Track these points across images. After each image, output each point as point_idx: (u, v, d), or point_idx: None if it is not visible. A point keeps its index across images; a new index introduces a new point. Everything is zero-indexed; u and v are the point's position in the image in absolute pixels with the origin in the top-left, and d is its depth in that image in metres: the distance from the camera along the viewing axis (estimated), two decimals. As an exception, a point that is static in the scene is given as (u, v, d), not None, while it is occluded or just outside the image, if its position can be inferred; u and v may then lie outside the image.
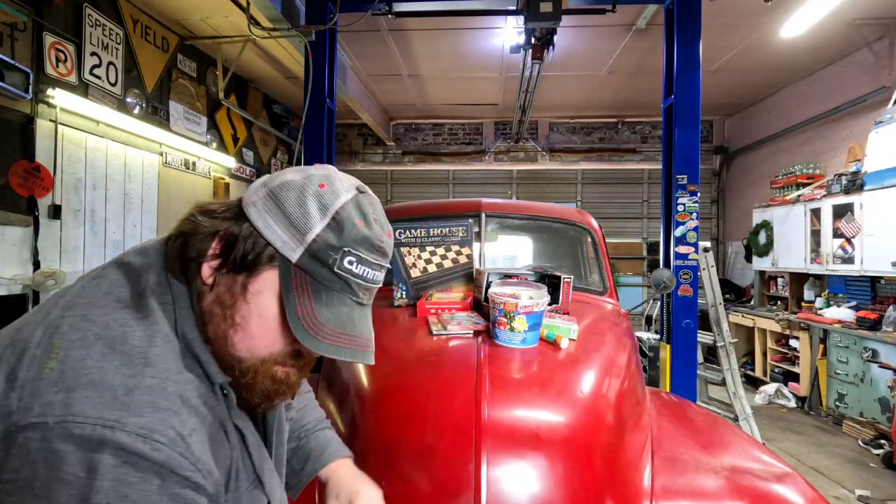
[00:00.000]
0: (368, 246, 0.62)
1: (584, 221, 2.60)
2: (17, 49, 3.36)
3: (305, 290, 0.61)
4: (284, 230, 0.60)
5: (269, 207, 0.61)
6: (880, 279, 4.85)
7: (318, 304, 0.61)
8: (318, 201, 0.61)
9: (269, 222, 0.61)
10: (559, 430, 1.15)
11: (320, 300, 0.61)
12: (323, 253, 0.60)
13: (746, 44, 5.43)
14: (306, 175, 0.63)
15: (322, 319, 0.60)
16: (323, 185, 0.62)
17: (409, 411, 1.21)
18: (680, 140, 3.72)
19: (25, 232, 3.47)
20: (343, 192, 0.63)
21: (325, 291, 0.61)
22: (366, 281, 0.63)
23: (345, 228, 0.61)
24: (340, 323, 0.62)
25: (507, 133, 8.50)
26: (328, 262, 0.60)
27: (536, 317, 1.40)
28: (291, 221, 0.60)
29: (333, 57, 4.23)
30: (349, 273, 0.61)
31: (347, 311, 0.63)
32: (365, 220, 0.63)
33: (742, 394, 3.93)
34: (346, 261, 0.61)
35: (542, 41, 4.39)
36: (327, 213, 0.61)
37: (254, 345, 0.62)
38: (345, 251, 0.61)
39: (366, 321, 0.66)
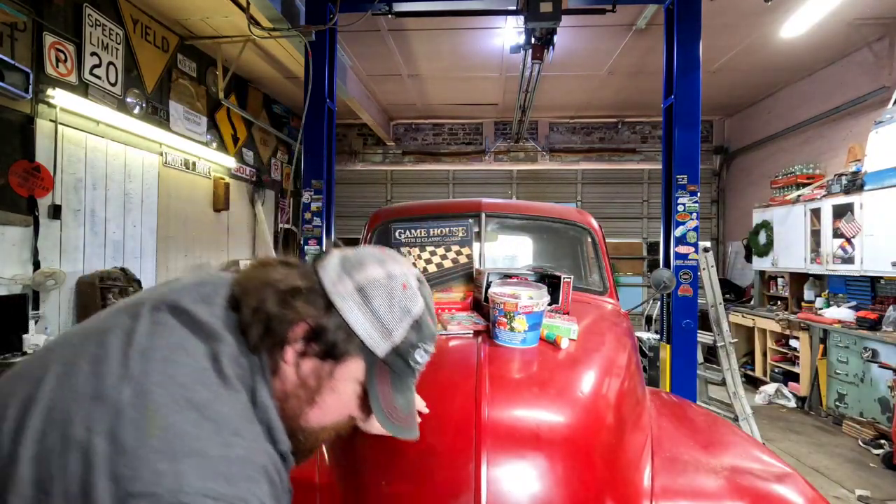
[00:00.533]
0: (433, 340, 0.75)
1: (584, 221, 2.60)
2: (17, 49, 3.36)
3: (385, 379, 0.71)
4: (373, 327, 0.68)
5: (358, 304, 0.68)
6: (880, 279, 4.85)
7: (394, 392, 0.71)
8: (403, 304, 0.71)
9: (359, 318, 0.68)
10: (559, 430, 1.15)
11: (396, 388, 0.72)
12: (404, 350, 0.70)
13: (746, 44, 5.43)
14: (389, 273, 0.72)
15: (397, 406, 0.72)
16: (405, 286, 0.72)
17: (409, 411, 1.21)
18: (680, 140, 3.72)
19: (25, 232, 3.47)
20: (418, 293, 0.73)
21: (400, 380, 0.72)
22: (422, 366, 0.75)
23: (422, 329, 0.72)
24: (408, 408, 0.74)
25: (507, 133, 8.50)
26: (406, 357, 0.71)
27: (536, 317, 1.40)
28: (380, 321, 0.69)
29: (333, 57, 4.23)
30: (418, 364, 0.73)
31: (410, 395, 0.75)
32: (433, 318, 0.74)
33: (742, 394, 3.93)
34: (419, 354, 0.72)
35: (542, 41, 4.39)
36: (410, 316, 0.71)
37: (325, 419, 0.70)
38: (419, 347, 0.72)
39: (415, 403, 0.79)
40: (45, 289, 3.54)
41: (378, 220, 2.60)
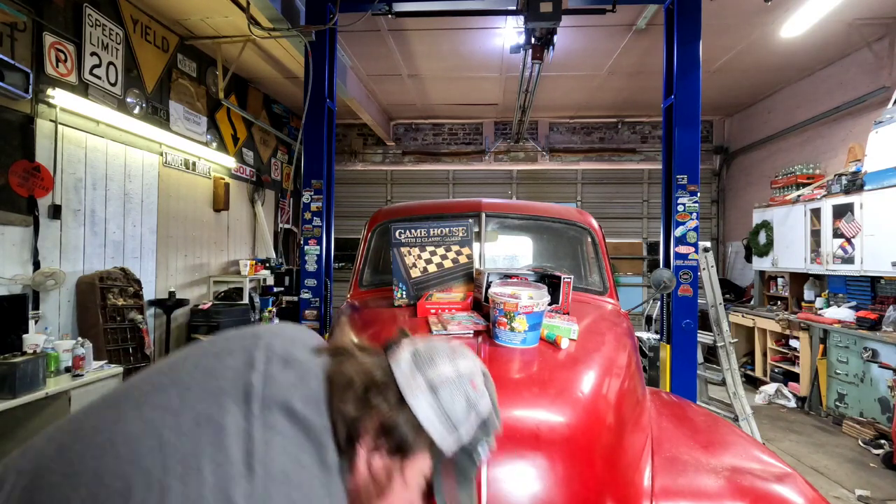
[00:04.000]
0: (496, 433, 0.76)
1: (584, 221, 2.60)
2: (17, 49, 3.36)
3: (450, 475, 0.72)
4: (443, 426, 0.70)
5: (429, 402, 0.70)
6: (880, 279, 4.85)
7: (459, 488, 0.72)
8: (472, 403, 0.72)
9: (429, 416, 0.70)
10: (559, 430, 1.15)
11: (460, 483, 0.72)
12: (470, 447, 0.72)
13: (746, 44, 5.43)
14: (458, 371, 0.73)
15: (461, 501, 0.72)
16: (474, 385, 0.73)
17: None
18: (680, 140, 3.72)
19: (25, 232, 3.47)
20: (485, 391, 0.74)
21: (464, 476, 0.73)
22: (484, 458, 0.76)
23: (487, 426, 0.73)
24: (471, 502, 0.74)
25: (507, 133, 8.50)
26: (473, 456, 0.72)
27: (536, 317, 1.40)
28: (450, 420, 0.70)
29: (333, 57, 4.23)
30: (480, 457, 0.74)
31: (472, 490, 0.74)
32: (497, 414, 0.75)
33: (742, 394, 3.93)
34: (482, 450, 0.73)
35: (542, 41, 4.39)
36: (478, 414, 0.72)
37: None
38: (483, 443, 0.73)
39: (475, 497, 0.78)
40: (45, 289, 3.54)
41: (378, 220, 2.60)
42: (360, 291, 2.39)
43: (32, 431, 2.99)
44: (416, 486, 0.70)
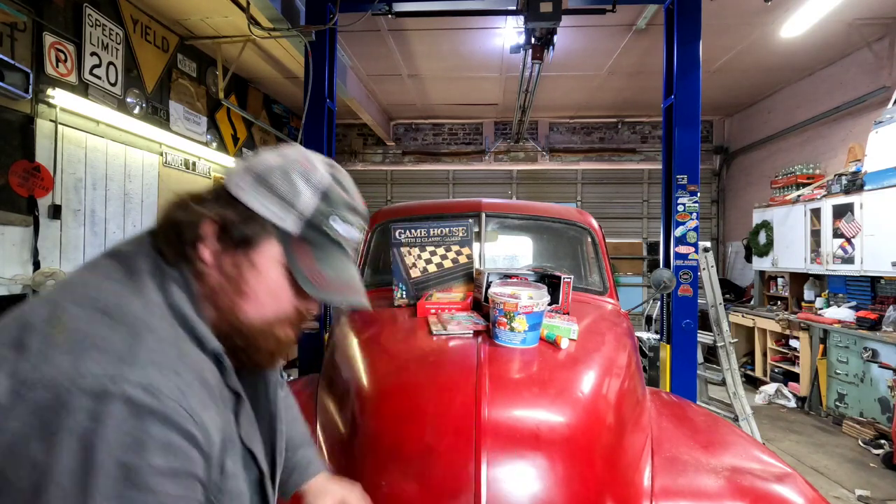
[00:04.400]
0: (351, 209, 0.72)
1: (584, 221, 2.60)
2: (17, 49, 3.36)
3: (306, 254, 0.69)
4: (274, 204, 0.68)
5: (259, 190, 0.68)
6: (880, 279, 4.85)
7: (320, 265, 0.69)
8: (304, 177, 0.69)
9: (263, 202, 0.68)
10: (559, 430, 1.15)
11: (320, 261, 0.70)
12: (315, 220, 0.69)
13: (746, 44, 5.43)
14: (285, 157, 0.71)
15: (327, 277, 0.69)
16: (304, 163, 0.71)
17: (409, 411, 1.21)
18: (680, 140, 3.72)
19: (25, 232, 3.47)
20: (321, 167, 0.72)
21: (324, 253, 0.70)
22: (352, 239, 0.73)
23: (330, 197, 0.70)
24: (341, 277, 0.71)
25: (507, 133, 8.50)
26: (321, 228, 0.69)
27: (536, 317, 1.40)
28: (283, 198, 0.68)
29: (333, 57, 4.23)
30: (338, 234, 0.71)
31: (342, 266, 0.72)
32: (344, 189, 0.73)
33: (742, 394, 3.93)
34: (338, 225, 0.70)
35: (542, 41, 4.39)
36: (313, 186, 0.69)
37: (263, 310, 0.69)
38: (334, 215, 0.70)
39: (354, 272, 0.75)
40: (45, 289, 3.54)
41: (378, 220, 2.60)
42: (360, 291, 2.39)
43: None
44: (275, 278, 0.68)
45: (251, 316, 0.68)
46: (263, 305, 0.69)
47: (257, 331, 0.69)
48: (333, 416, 1.43)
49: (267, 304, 0.69)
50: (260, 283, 0.68)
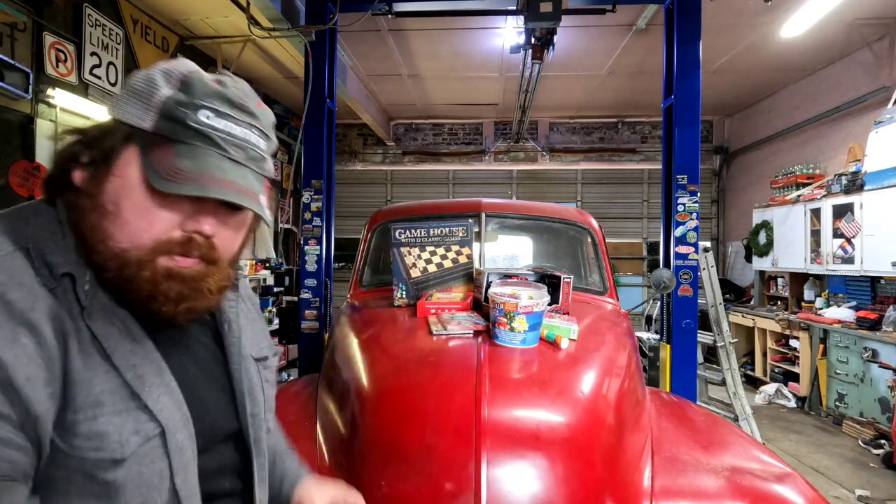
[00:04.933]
0: (226, 102, 0.62)
1: (584, 221, 2.60)
2: (17, 49, 3.36)
3: (164, 150, 0.59)
4: (134, 105, 0.60)
5: (121, 97, 0.62)
6: (880, 279, 4.85)
7: (176, 158, 0.59)
8: (164, 72, 0.62)
9: (121, 106, 0.61)
10: (559, 430, 1.15)
11: (179, 154, 0.59)
12: (174, 111, 0.59)
13: (746, 44, 5.43)
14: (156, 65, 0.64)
15: (181, 167, 0.58)
16: (169, 63, 0.64)
17: (409, 411, 1.21)
18: (680, 140, 3.72)
19: (25, 232, 3.47)
20: (192, 65, 0.64)
21: (185, 147, 0.59)
22: (232, 136, 0.62)
23: (194, 86, 0.61)
24: (203, 169, 0.59)
25: (507, 133, 8.50)
26: (181, 118, 0.59)
27: (536, 317, 1.40)
28: (139, 95, 0.61)
29: (333, 57, 4.23)
30: (208, 127, 0.60)
31: (215, 162, 0.60)
32: (220, 84, 0.63)
33: (742, 394, 3.93)
34: (202, 114, 0.60)
35: (542, 41, 4.39)
36: (173, 78, 0.61)
37: (132, 230, 0.59)
38: (197, 105, 0.60)
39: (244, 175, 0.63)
40: (45, 289, 3.54)
41: (378, 220, 2.60)
42: (360, 291, 2.39)
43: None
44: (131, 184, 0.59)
45: (119, 238, 0.59)
46: (129, 223, 0.59)
47: (132, 259, 0.59)
48: (333, 416, 1.43)
49: (133, 220, 0.59)
50: (121, 194, 0.59)
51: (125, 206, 0.59)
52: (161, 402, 0.60)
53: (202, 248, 0.62)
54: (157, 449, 0.59)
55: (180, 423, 0.61)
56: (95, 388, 0.56)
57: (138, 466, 0.57)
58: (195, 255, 0.62)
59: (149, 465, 0.58)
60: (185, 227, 0.61)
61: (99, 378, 0.57)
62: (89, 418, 0.55)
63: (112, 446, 0.55)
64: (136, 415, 0.58)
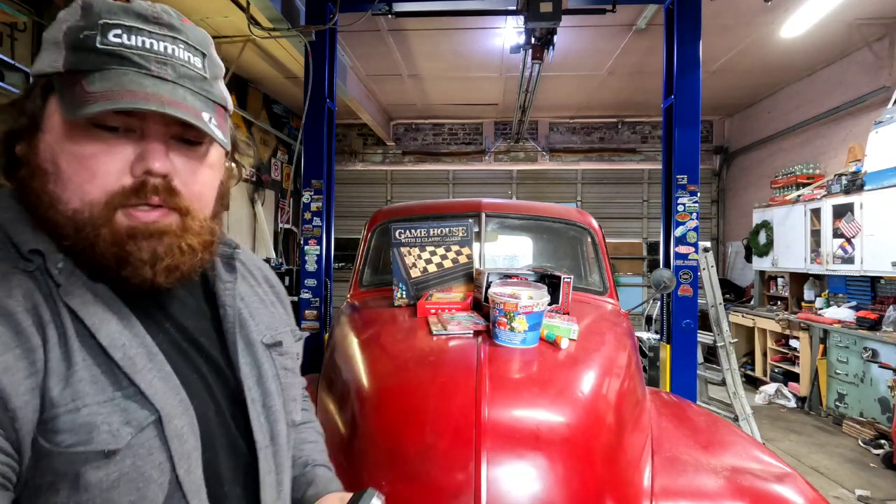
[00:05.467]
0: (136, 17, 0.55)
1: (584, 221, 2.60)
2: (17, 49, 3.37)
3: (75, 82, 0.52)
4: (45, 52, 0.55)
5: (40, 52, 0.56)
6: (880, 279, 4.85)
7: (87, 83, 0.52)
8: (66, 10, 0.55)
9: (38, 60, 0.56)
10: (559, 430, 1.15)
11: (91, 81, 0.52)
12: (78, 40, 0.53)
13: (746, 44, 5.43)
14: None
15: (91, 90, 0.51)
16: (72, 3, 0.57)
17: (409, 411, 1.21)
18: (680, 140, 3.72)
19: (25, 232, 3.47)
20: None
21: (98, 74, 0.52)
22: (150, 51, 0.54)
23: (94, 8, 0.54)
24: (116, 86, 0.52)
25: (507, 133, 8.50)
26: (87, 44, 0.52)
27: (536, 317, 1.40)
28: (48, 40, 0.55)
29: (333, 57, 4.23)
30: (120, 45, 0.53)
31: (132, 78, 0.53)
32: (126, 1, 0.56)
33: (742, 394, 3.93)
34: (111, 34, 0.53)
35: (541, 41, 4.39)
36: (73, 8, 0.55)
37: (75, 185, 0.53)
38: (101, 25, 0.53)
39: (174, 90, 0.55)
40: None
41: (378, 220, 2.60)
42: (360, 291, 2.39)
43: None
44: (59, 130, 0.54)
45: (70, 200, 0.53)
46: (72, 178, 0.53)
47: (86, 220, 0.53)
48: (333, 416, 1.43)
49: (74, 174, 0.53)
50: (56, 153, 0.53)
51: (61, 160, 0.53)
52: (155, 385, 0.53)
53: (161, 192, 0.55)
54: (153, 439, 0.52)
55: (178, 408, 0.55)
56: (80, 375, 0.50)
57: (133, 459, 0.50)
58: (156, 203, 0.55)
59: (145, 458, 0.51)
60: (134, 171, 0.54)
61: (84, 362, 0.51)
62: (74, 409, 0.49)
63: (101, 437, 0.49)
64: (127, 402, 0.52)
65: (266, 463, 0.64)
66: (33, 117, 0.55)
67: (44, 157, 0.54)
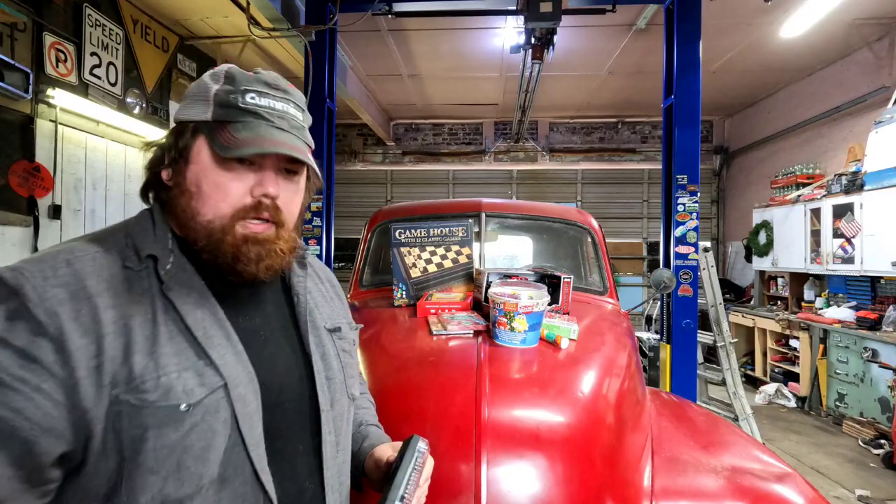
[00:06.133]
0: (263, 84, 0.75)
1: (584, 221, 2.60)
2: (17, 49, 3.36)
3: (224, 130, 0.72)
4: (193, 105, 0.74)
5: (183, 105, 0.76)
6: (880, 279, 4.85)
7: (234, 132, 0.71)
8: (211, 75, 0.76)
9: (185, 111, 0.75)
10: (559, 430, 1.15)
11: (236, 129, 0.72)
12: (226, 99, 0.72)
13: (746, 44, 5.43)
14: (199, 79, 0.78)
15: (239, 137, 0.71)
16: (211, 70, 0.77)
17: (409, 411, 1.21)
18: (680, 140, 3.72)
19: (25, 232, 3.47)
20: (226, 66, 0.78)
21: (240, 125, 0.72)
22: (275, 109, 0.75)
23: (236, 78, 0.75)
24: (257, 135, 0.71)
25: (507, 133, 8.50)
26: (233, 103, 0.72)
27: (536, 317, 1.40)
28: (196, 96, 0.75)
29: (333, 57, 4.23)
30: (255, 105, 0.73)
31: (265, 129, 0.73)
32: (254, 73, 0.77)
33: (742, 394, 3.93)
34: (248, 97, 0.73)
35: (541, 41, 4.39)
36: (218, 76, 0.75)
37: (213, 203, 0.72)
38: (243, 90, 0.73)
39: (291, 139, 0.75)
40: (45, 289, 3.54)
41: (378, 220, 2.60)
42: (359, 291, 2.39)
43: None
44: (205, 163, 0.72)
45: (204, 212, 0.71)
46: (210, 197, 0.71)
47: (217, 227, 0.71)
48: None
49: (212, 194, 0.71)
50: (200, 176, 0.72)
51: (204, 184, 0.72)
52: (225, 359, 0.68)
53: (269, 210, 0.74)
54: (221, 400, 0.66)
55: (244, 378, 0.69)
56: (164, 349, 0.65)
57: (203, 414, 0.64)
58: (265, 217, 0.74)
59: (213, 414, 0.65)
60: (254, 193, 0.73)
61: (171, 340, 0.66)
62: (158, 376, 0.63)
63: (177, 395, 0.63)
64: (203, 369, 0.66)
65: (327, 424, 0.79)
66: (182, 150, 0.73)
67: (190, 181, 0.73)
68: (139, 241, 0.71)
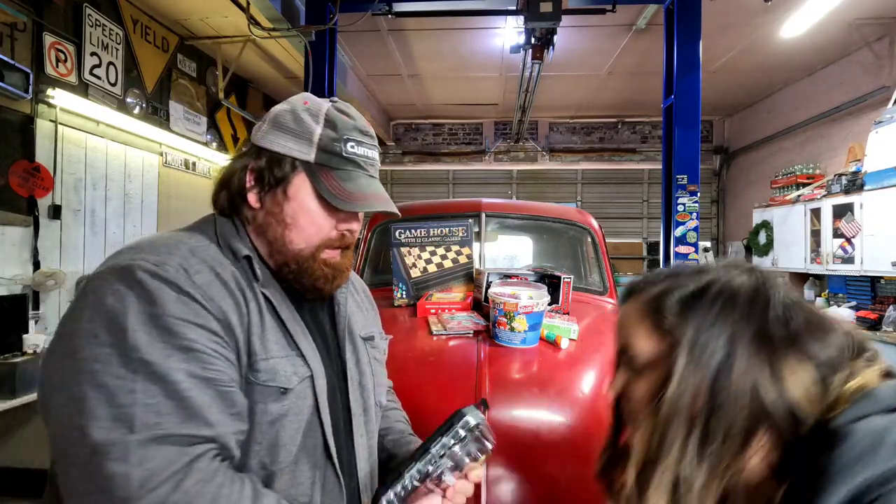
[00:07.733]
0: (360, 132, 0.82)
1: (584, 221, 2.60)
2: (17, 49, 3.36)
3: (329, 176, 0.79)
4: (291, 142, 0.79)
5: (277, 134, 0.80)
6: (880, 279, 4.85)
7: (342, 182, 0.79)
8: (309, 113, 0.81)
9: (281, 143, 0.80)
10: (559, 430, 1.15)
11: (342, 179, 0.80)
12: (330, 146, 0.79)
13: (746, 44, 5.43)
14: (291, 102, 0.84)
15: (349, 190, 0.79)
16: (307, 103, 0.83)
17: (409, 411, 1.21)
18: (680, 140, 3.72)
19: (25, 232, 3.47)
20: (323, 103, 0.83)
21: (344, 173, 0.80)
22: (368, 158, 0.83)
23: (337, 124, 0.81)
24: (362, 189, 0.80)
25: (507, 133, 8.50)
26: (337, 151, 0.80)
27: (536, 317, 1.40)
28: (297, 134, 0.80)
29: (333, 57, 4.23)
30: (355, 154, 0.81)
31: (365, 182, 0.82)
32: (348, 115, 0.83)
33: (742, 394, 3.92)
34: (349, 146, 0.81)
35: (541, 41, 4.39)
36: (320, 118, 0.81)
37: (307, 235, 0.80)
38: (345, 139, 0.80)
39: (379, 187, 0.85)
40: (46, 289, 3.54)
41: (378, 219, 2.60)
42: (360, 291, 2.39)
43: (32, 431, 2.98)
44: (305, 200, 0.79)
45: (297, 242, 0.80)
46: (305, 230, 0.80)
47: (307, 254, 0.80)
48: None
49: (307, 228, 0.80)
50: (298, 212, 0.79)
51: (301, 219, 0.80)
52: (308, 353, 0.79)
53: (347, 241, 0.85)
54: (307, 388, 0.76)
55: (321, 371, 0.80)
56: (269, 335, 0.75)
57: (296, 399, 0.74)
58: (342, 247, 0.84)
59: (302, 399, 0.75)
60: (339, 228, 0.83)
61: (272, 328, 0.76)
62: (267, 358, 0.73)
63: (281, 379, 0.73)
64: (295, 360, 0.76)
65: (359, 427, 0.87)
66: (278, 181, 0.79)
67: (287, 214, 0.80)
68: (233, 242, 0.78)
